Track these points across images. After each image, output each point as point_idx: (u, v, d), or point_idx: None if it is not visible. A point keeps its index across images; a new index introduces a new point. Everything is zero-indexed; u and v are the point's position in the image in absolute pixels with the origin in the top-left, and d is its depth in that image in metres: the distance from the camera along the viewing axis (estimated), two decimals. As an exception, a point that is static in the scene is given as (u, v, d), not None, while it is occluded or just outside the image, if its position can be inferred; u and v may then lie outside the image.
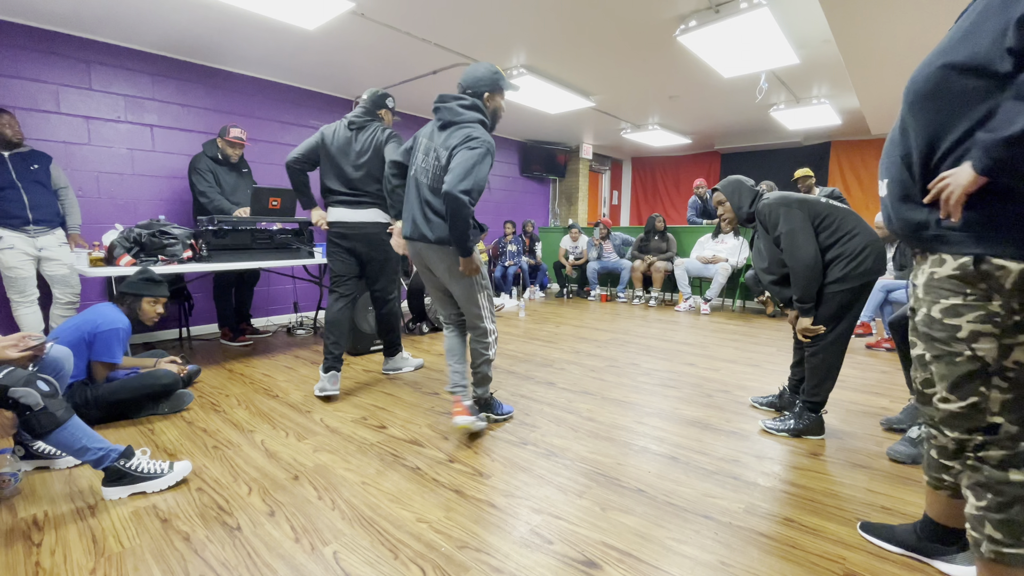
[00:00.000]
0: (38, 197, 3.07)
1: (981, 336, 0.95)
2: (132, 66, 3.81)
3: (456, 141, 1.89)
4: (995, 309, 0.94)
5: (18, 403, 1.48)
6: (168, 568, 1.31)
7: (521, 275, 6.56)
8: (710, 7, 3.22)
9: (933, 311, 1.03)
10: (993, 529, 0.97)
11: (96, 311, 2.24)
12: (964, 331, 0.97)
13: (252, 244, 3.33)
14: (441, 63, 4.24)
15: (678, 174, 9.00)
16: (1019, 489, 0.95)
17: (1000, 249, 0.92)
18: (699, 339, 4.06)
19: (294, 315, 4.85)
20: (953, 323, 0.99)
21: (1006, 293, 0.92)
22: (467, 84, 2.00)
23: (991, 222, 0.93)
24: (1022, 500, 0.94)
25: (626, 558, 1.34)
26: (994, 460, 0.97)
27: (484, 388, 2.24)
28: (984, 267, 0.94)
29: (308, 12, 3.12)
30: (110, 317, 2.22)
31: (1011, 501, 0.95)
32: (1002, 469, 0.96)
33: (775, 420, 2.19)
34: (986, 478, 0.98)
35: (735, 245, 5.42)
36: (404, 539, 1.43)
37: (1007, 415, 0.95)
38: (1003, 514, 0.96)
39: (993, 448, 0.97)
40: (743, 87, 4.82)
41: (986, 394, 0.97)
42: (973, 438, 1.00)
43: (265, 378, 2.97)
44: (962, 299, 0.97)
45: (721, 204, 2.29)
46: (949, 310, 0.99)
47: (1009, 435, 0.96)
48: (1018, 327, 0.92)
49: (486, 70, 2.00)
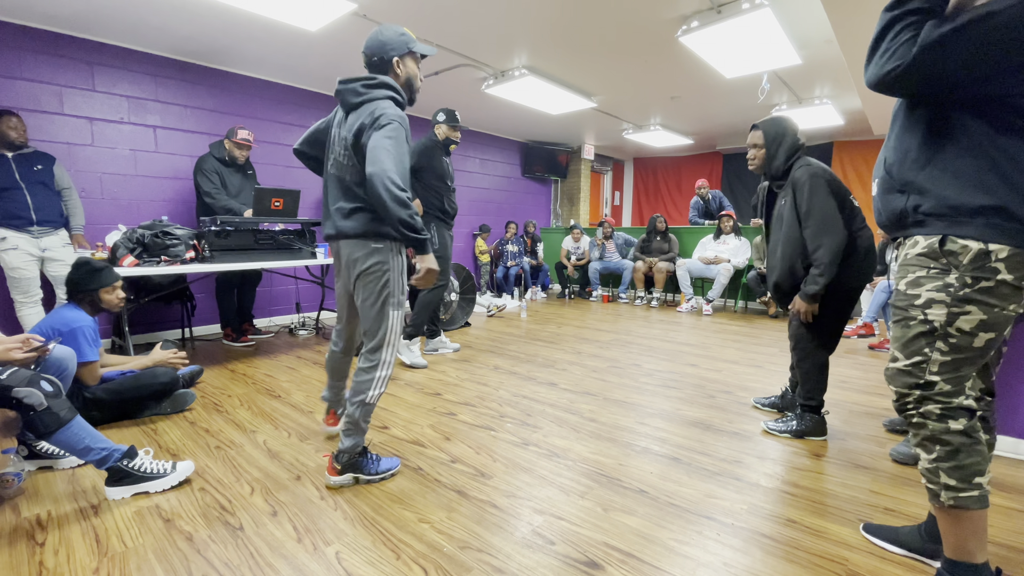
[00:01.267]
0: (42, 198, 3.08)
1: (934, 303, 1.08)
2: (135, 67, 3.83)
3: (363, 119, 1.59)
4: (951, 281, 1.06)
5: (21, 403, 1.48)
6: (171, 568, 1.31)
7: (523, 276, 6.56)
8: (712, 7, 3.22)
9: (901, 284, 1.15)
10: (947, 477, 1.07)
11: (54, 317, 2.13)
12: (922, 298, 1.10)
13: (254, 245, 3.34)
14: (443, 64, 4.25)
15: (680, 175, 8.99)
16: (961, 436, 1.06)
17: (965, 231, 1.04)
18: (701, 340, 4.06)
19: (296, 315, 4.86)
20: (914, 292, 1.12)
21: (963, 268, 1.04)
22: (373, 50, 1.67)
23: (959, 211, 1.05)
24: (965, 446, 1.06)
25: (628, 559, 1.34)
26: (934, 414, 1.09)
27: (355, 440, 1.69)
28: (948, 246, 1.06)
29: (310, 13, 3.13)
30: (68, 318, 2.11)
31: (957, 448, 1.07)
32: (942, 421, 1.08)
33: (777, 421, 2.19)
34: (931, 431, 1.09)
35: (737, 246, 5.41)
36: (406, 539, 1.43)
37: (943, 375, 1.08)
38: (953, 461, 1.07)
39: (929, 403, 1.09)
40: (745, 87, 4.82)
41: (928, 355, 1.09)
42: (912, 392, 1.12)
43: (267, 378, 2.98)
44: (925, 272, 1.10)
45: (755, 147, 2.05)
46: (913, 282, 1.12)
47: (943, 391, 1.08)
48: (966, 299, 1.05)
49: (393, 32, 1.68)
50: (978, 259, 1.02)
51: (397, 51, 1.67)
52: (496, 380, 2.94)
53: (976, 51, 0.95)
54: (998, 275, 1.02)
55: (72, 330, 2.08)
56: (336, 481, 1.70)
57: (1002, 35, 0.93)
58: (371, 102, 1.61)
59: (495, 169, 7.24)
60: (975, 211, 1.02)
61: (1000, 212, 1.00)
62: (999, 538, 1.44)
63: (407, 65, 1.71)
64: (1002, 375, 1.95)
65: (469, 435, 2.16)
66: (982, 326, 1.04)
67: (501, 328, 4.57)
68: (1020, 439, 1.94)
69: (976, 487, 1.06)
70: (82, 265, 2.22)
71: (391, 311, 1.66)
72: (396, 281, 1.66)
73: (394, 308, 1.66)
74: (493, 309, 5.37)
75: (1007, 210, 0.99)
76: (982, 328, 1.04)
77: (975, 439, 1.06)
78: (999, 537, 1.44)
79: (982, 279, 1.02)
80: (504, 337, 4.17)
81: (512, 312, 5.46)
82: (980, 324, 1.04)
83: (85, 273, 2.20)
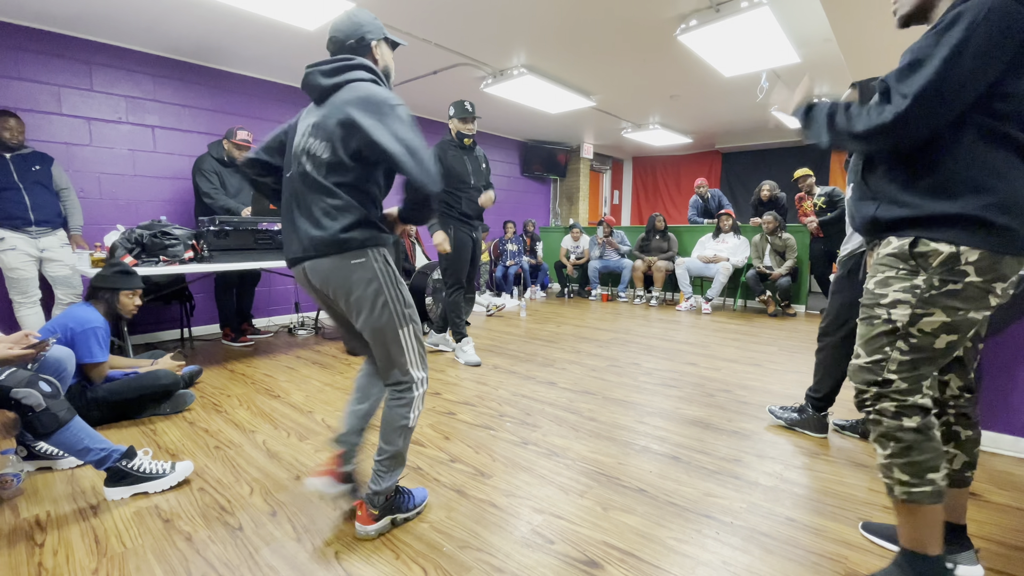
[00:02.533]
0: (40, 198, 3.08)
1: (899, 303, 1.09)
2: (133, 67, 3.82)
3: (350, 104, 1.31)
4: (918, 283, 1.07)
5: (20, 404, 1.48)
6: (170, 568, 1.31)
7: (522, 275, 6.56)
8: (711, 6, 3.22)
9: (870, 284, 1.16)
10: (900, 472, 1.10)
11: (68, 315, 2.17)
12: (888, 298, 1.11)
13: (253, 245, 3.34)
14: (441, 63, 4.25)
15: (679, 173, 8.99)
16: (914, 434, 1.08)
17: (937, 235, 1.04)
18: (700, 339, 4.06)
19: (295, 315, 4.86)
20: (881, 292, 1.12)
21: (932, 271, 1.05)
22: (348, 32, 1.42)
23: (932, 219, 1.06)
24: (918, 443, 1.08)
25: (628, 558, 1.34)
26: (889, 412, 1.10)
27: (393, 478, 1.45)
28: (919, 248, 1.06)
29: (308, 13, 3.12)
30: (82, 318, 2.15)
31: (910, 445, 1.08)
32: (897, 419, 1.10)
33: (782, 408, 2.23)
34: (886, 428, 1.11)
35: (736, 245, 5.41)
36: (406, 539, 1.43)
37: (900, 373, 1.10)
38: (906, 458, 1.09)
39: (885, 400, 1.11)
40: (744, 86, 4.82)
41: (888, 353, 1.11)
42: (869, 389, 1.13)
43: (266, 378, 2.98)
44: (894, 272, 1.11)
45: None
46: (882, 282, 1.13)
47: (899, 390, 1.10)
48: (930, 301, 1.06)
49: (367, 14, 1.47)
50: (948, 262, 1.03)
51: (375, 34, 1.46)
52: (495, 379, 2.94)
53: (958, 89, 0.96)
54: (966, 277, 1.02)
55: (85, 330, 2.13)
56: (374, 529, 1.43)
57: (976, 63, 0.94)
58: (354, 83, 1.35)
59: (494, 168, 7.21)
60: (948, 218, 1.03)
61: (972, 218, 1.00)
62: (999, 536, 1.44)
63: (384, 51, 1.50)
64: (1000, 374, 1.96)
65: (468, 434, 2.16)
66: (944, 328, 1.06)
67: (500, 327, 4.58)
68: (1019, 437, 1.94)
69: (929, 483, 1.08)
70: (115, 264, 2.39)
71: (400, 331, 1.39)
72: (393, 294, 1.38)
73: (403, 326, 1.39)
74: (492, 308, 5.37)
75: (979, 216, 1.00)
76: (944, 330, 1.06)
77: (928, 436, 1.08)
78: (998, 535, 1.44)
79: (949, 282, 1.03)
80: (503, 336, 4.17)
81: (511, 311, 5.46)
82: (942, 326, 1.06)
83: (115, 272, 2.35)
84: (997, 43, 0.94)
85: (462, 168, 3.17)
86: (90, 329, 2.14)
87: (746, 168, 8.09)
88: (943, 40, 0.97)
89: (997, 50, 0.95)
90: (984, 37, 0.94)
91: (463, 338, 3.36)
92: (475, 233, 3.32)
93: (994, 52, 0.95)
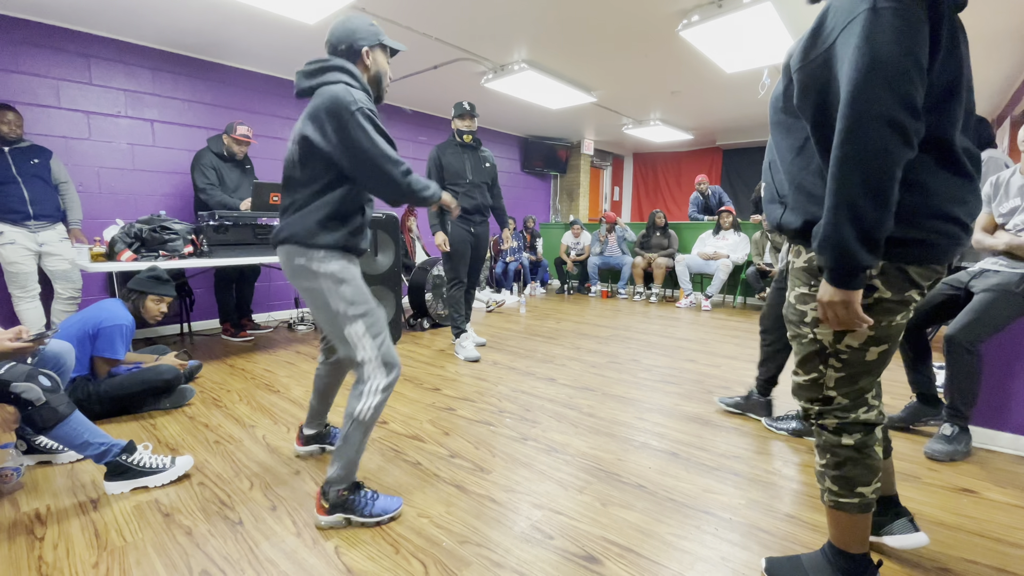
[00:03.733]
0: (38, 192, 3.07)
1: (820, 322, 1.05)
2: (132, 61, 3.80)
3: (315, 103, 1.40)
4: None
5: (20, 398, 1.48)
6: (170, 562, 1.31)
7: (522, 271, 6.56)
8: (713, 2, 3.20)
9: (790, 296, 1.15)
10: (831, 483, 1.12)
11: (101, 307, 2.25)
12: (809, 316, 1.09)
13: (253, 240, 3.33)
14: (441, 58, 4.23)
15: (679, 170, 8.98)
16: (849, 451, 1.09)
17: None
18: (700, 335, 4.06)
19: (295, 311, 4.85)
20: (802, 309, 1.10)
21: None
22: (340, 37, 1.49)
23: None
24: (852, 460, 1.09)
25: (627, 553, 1.35)
26: (830, 427, 1.11)
27: (344, 470, 1.45)
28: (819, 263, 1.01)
29: (308, 6, 3.11)
30: (114, 313, 2.24)
31: (843, 461, 1.10)
32: (836, 434, 1.10)
33: (776, 420, 2.19)
34: (824, 441, 1.12)
35: (736, 242, 5.41)
36: (405, 534, 1.44)
37: (839, 389, 1.08)
38: (838, 471, 1.10)
39: (828, 416, 1.11)
40: (745, 82, 4.80)
41: (823, 371, 1.09)
42: (813, 407, 1.13)
43: (266, 373, 2.98)
44: (808, 288, 1.09)
45: None
46: (800, 297, 1.11)
47: (841, 406, 1.09)
48: None
49: (363, 20, 1.52)
50: None
51: (367, 40, 1.50)
52: (495, 375, 2.94)
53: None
54: (875, 293, 0.99)
55: (114, 325, 2.20)
56: (326, 521, 1.45)
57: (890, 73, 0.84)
58: (323, 87, 1.41)
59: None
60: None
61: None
62: (997, 534, 1.44)
63: (377, 58, 1.54)
64: (999, 373, 1.96)
65: (468, 430, 2.16)
66: (871, 341, 1.02)
67: (500, 324, 4.58)
68: (1018, 435, 1.94)
69: (857, 495, 1.09)
70: (153, 269, 2.47)
71: (348, 327, 1.42)
72: (336, 293, 1.43)
73: (351, 323, 1.42)
74: (492, 305, 5.36)
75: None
76: (872, 343, 1.03)
77: (864, 455, 1.08)
78: (997, 533, 1.45)
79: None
80: (503, 333, 4.17)
81: (511, 308, 5.46)
82: (869, 340, 1.02)
83: (151, 276, 2.43)
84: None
85: (460, 165, 3.23)
86: (118, 325, 2.21)
87: (747, 165, 8.07)
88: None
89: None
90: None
91: (462, 333, 3.38)
92: (474, 229, 3.34)
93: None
